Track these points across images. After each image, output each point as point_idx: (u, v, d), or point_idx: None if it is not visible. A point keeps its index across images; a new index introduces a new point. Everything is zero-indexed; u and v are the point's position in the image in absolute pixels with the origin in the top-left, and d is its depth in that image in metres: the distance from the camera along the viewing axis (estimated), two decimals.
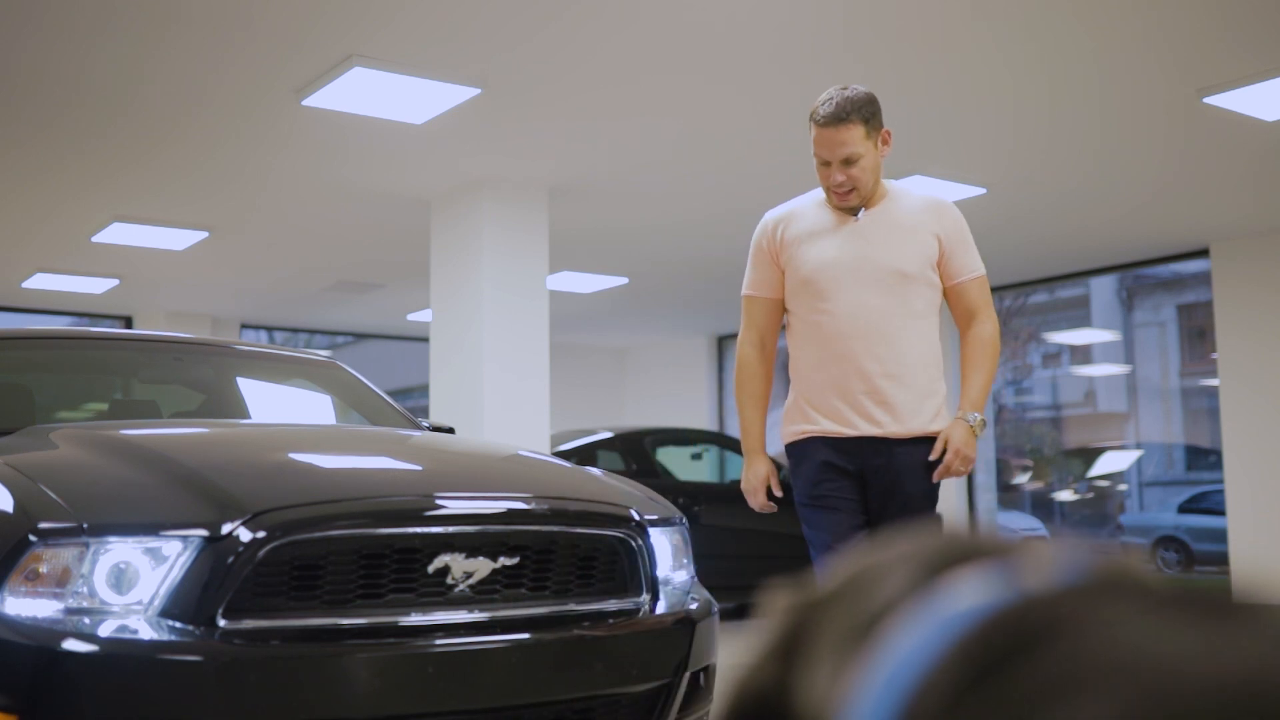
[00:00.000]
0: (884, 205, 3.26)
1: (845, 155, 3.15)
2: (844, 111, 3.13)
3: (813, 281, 3.23)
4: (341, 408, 4.47)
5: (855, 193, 3.20)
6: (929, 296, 3.24)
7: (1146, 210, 8.63)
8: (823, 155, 3.19)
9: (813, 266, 3.23)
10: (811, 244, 3.26)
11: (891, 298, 3.18)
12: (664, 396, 14.86)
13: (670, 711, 2.97)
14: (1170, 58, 5.67)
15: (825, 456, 3.23)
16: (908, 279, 3.18)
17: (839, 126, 3.14)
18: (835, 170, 3.17)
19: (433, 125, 6.56)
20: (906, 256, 3.19)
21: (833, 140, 3.14)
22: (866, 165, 3.17)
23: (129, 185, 7.80)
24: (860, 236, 3.23)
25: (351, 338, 15.38)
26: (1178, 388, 18.23)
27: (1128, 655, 0.35)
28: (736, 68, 5.79)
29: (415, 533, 2.64)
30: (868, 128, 3.16)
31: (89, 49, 5.44)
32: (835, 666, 0.42)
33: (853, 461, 3.21)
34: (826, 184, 3.22)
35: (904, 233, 3.22)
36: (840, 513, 3.22)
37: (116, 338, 4.53)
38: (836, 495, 3.23)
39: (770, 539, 9.30)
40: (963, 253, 3.26)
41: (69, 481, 2.65)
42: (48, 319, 12.27)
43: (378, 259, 10.11)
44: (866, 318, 3.18)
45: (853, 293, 3.19)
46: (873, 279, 3.18)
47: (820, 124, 3.16)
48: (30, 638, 2.35)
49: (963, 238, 3.26)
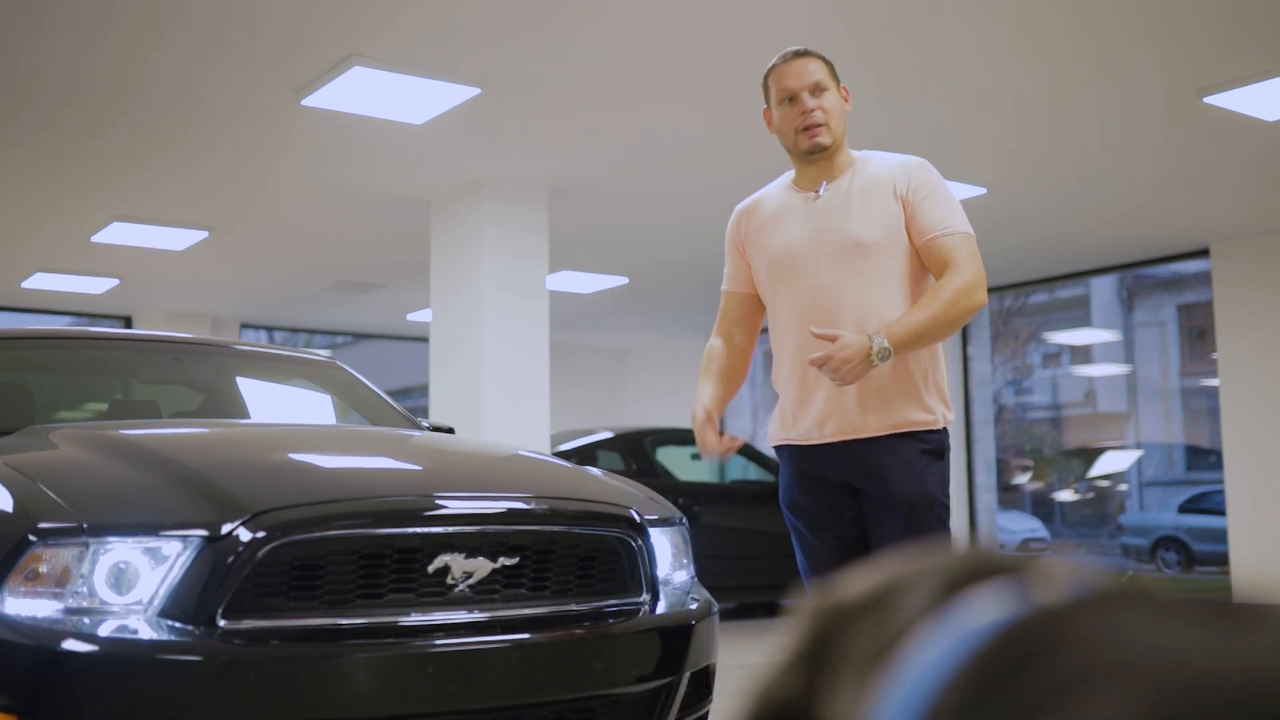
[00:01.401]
0: (847, 175, 2.99)
1: (814, 81, 2.93)
2: (803, 49, 2.99)
3: (776, 266, 2.99)
4: (341, 408, 4.47)
5: (826, 129, 2.94)
6: (899, 267, 2.90)
7: (1147, 210, 8.63)
8: (790, 85, 2.95)
9: (774, 251, 3.00)
10: (775, 228, 3.03)
11: (853, 273, 2.88)
12: (664, 396, 14.86)
13: (670, 712, 2.97)
14: (1170, 57, 5.67)
15: (802, 467, 2.98)
16: (869, 249, 2.87)
17: (802, 58, 2.97)
18: (805, 100, 2.94)
19: (433, 125, 6.56)
20: (865, 224, 2.89)
21: (798, 69, 2.95)
22: (833, 103, 2.95)
23: (129, 185, 7.80)
24: (820, 213, 2.96)
25: (351, 338, 15.38)
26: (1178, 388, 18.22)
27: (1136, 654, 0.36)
28: (736, 67, 5.79)
29: (415, 533, 2.64)
30: (828, 66, 2.99)
31: (89, 49, 5.44)
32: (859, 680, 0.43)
33: (832, 469, 2.92)
34: (796, 123, 2.96)
35: (865, 199, 2.93)
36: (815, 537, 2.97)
37: (116, 338, 4.53)
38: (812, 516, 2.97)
39: (770, 539, 9.29)
40: (931, 207, 2.89)
41: (69, 481, 2.65)
42: (47, 319, 12.27)
43: (378, 259, 10.11)
44: (827, 298, 2.89)
45: (813, 273, 2.92)
46: (832, 254, 2.90)
47: (783, 61, 2.99)
48: (30, 638, 2.35)
49: (931, 192, 2.91)
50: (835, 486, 2.94)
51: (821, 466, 2.94)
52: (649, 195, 8.16)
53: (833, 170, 3.02)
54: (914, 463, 2.86)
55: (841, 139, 3.01)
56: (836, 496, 2.95)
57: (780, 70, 3.00)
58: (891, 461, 2.86)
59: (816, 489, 2.96)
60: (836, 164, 3.02)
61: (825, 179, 3.01)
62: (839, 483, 2.93)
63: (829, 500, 2.95)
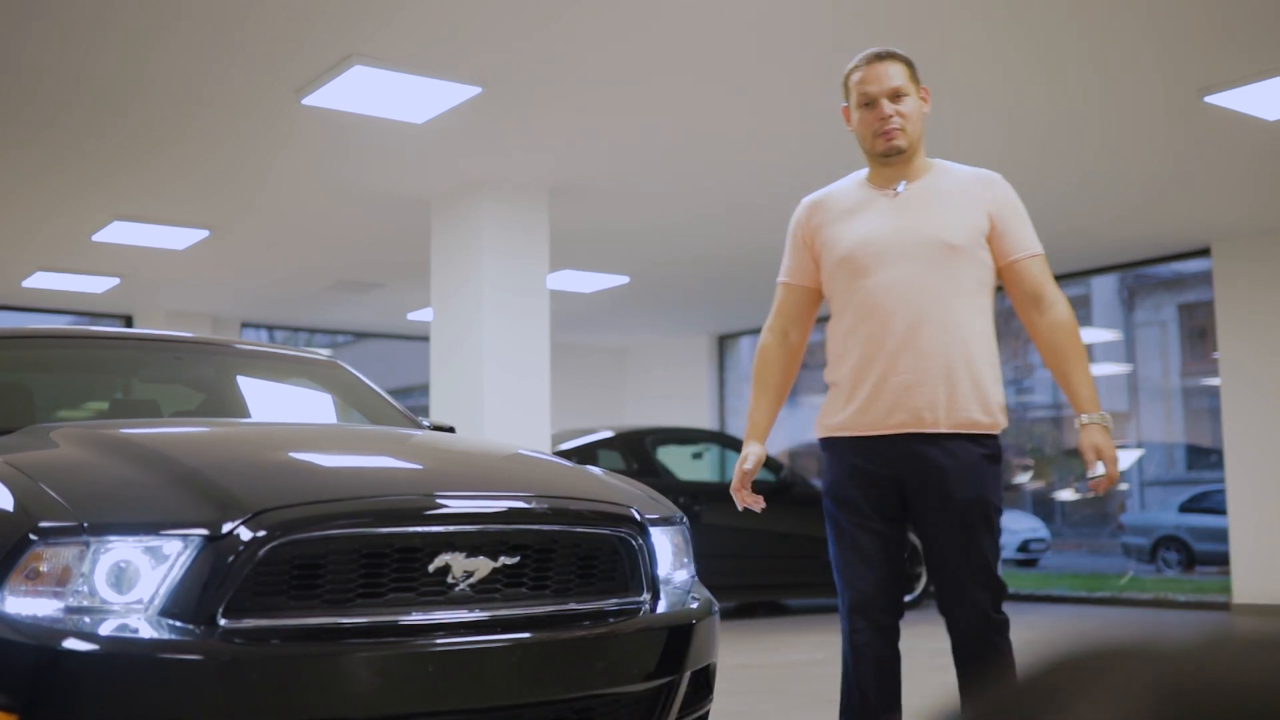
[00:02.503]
0: (928, 178, 3.01)
1: (893, 87, 2.95)
2: (886, 51, 3.00)
3: (850, 258, 2.97)
4: (342, 407, 4.46)
5: (903, 134, 2.95)
6: (980, 275, 2.94)
7: (1147, 209, 8.63)
8: (870, 90, 2.96)
9: (850, 243, 2.98)
10: (849, 221, 3.01)
11: (938, 272, 2.89)
12: (665, 396, 14.85)
13: (671, 711, 2.97)
14: (1171, 57, 5.67)
15: (855, 461, 2.97)
16: (955, 251, 2.90)
17: (883, 61, 2.96)
18: (883, 105, 2.95)
19: (433, 124, 6.56)
20: (952, 227, 2.92)
21: (878, 73, 2.96)
22: (912, 108, 2.96)
23: (129, 184, 7.80)
24: (902, 209, 2.97)
25: (352, 337, 15.38)
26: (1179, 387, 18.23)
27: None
28: (735, 67, 5.79)
29: (416, 532, 2.64)
30: (909, 71, 2.99)
31: (90, 48, 5.45)
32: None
33: (888, 465, 2.93)
34: (874, 128, 2.97)
35: (949, 203, 2.96)
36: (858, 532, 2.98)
37: (117, 337, 4.52)
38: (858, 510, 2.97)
39: (771, 539, 9.31)
40: (1017, 228, 2.96)
41: (69, 480, 2.65)
42: (48, 318, 12.27)
43: (378, 258, 10.12)
44: (909, 294, 2.89)
45: (894, 266, 2.91)
46: (916, 251, 2.91)
47: (865, 64, 3.00)
48: (31, 637, 2.35)
49: (1015, 212, 2.98)
50: (886, 483, 2.96)
51: (876, 461, 2.95)
52: (649, 195, 8.16)
53: (910, 171, 3.03)
54: (975, 467, 2.91)
55: (918, 142, 3.02)
56: (884, 493, 2.97)
57: (861, 73, 3.00)
58: (952, 464, 2.89)
59: (866, 484, 2.97)
60: (913, 166, 3.04)
61: (904, 179, 3.03)
62: (890, 479, 2.95)
63: (876, 497, 2.97)
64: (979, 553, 2.91)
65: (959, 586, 2.92)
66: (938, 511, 2.91)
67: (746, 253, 9.99)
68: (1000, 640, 2.96)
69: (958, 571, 2.91)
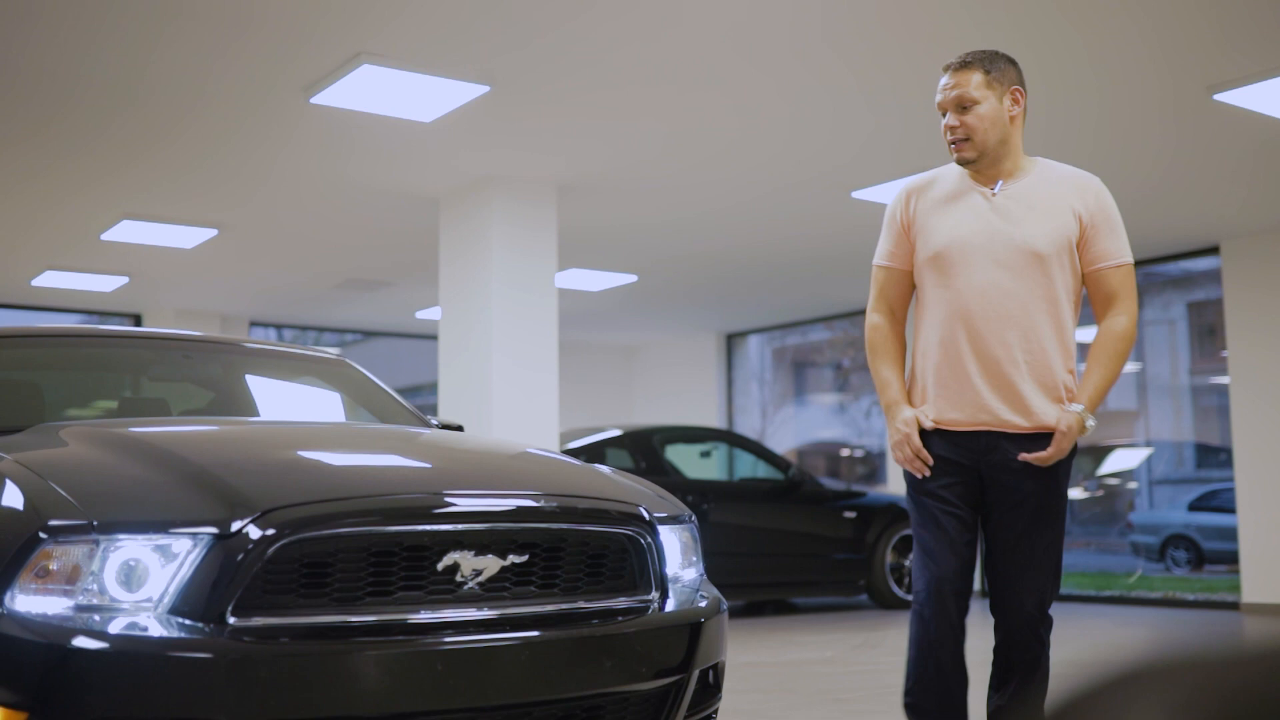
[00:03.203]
0: (1024, 180, 3.07)
1: (956, 98, 3.01)
2: (965, 59, 3.04)
3: (941, 256, 3.05)
4: (350, 405, 4.47)
5: (970, 144, 3.01)
6: (1066, 281, 3.02)
7: (1156, 207, 8.61)
8: (939, 101, 3.05)
9: (942, 240, 3.05)
10: (943, 216, 3.08)
11: (1024, 279, 2.98)
12: (673, 394, 14.85)
13: (679, 709, 2.97)
14: (1180, 54, 5.66)
15: (938, 450, 3.08)
16: (1042, 260, 2.98)
17: (957, 71, 3.03)
18: (950, 116, 3.02)
19: (441, 123, 6.57)
20: (1042, 235, 2.98)
21: (947, 86, 3.03)
22: (984, 114, 3.00)
23: (138, 183, 7.82)
24: (995, 211, 3.03)
25: (360, 335, 15.41)
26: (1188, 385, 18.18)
27: None
28: (746, 65, 5.79)
29: (424, 530, 2.64)
30: (988, 76, 3.01)
31: (97, 46, 5.46)
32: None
33: (969, 456, 3.05)
34: (946, 137, 3.06)
35: (1042, 209, 3.01)
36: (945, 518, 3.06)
37: (126, 335, 4.53)
38: (944, 499, 3.07)
39: (779, 537, 9.31)
40: (1107, 235, 3.02)
41: (79, 479, 2.65)
42: (57, 317, 12.30)
43: (386, 257, 10.13)
44: (996, 298, 2.98)
45: (982, 270, 3.00)
46: (1005, 257, 2.98)
47: (943, 72, 3.06)
48: (40, 635, 2.36)
49: (1108, 219, 3.03)
50: (968, 472, 3.08)
51: (958, 452, 3.07)
52: (657, 193, 8.15)
53: (1006, 171, 3.09)
54: (1054, 466, 3.03)
55: (998, 147, 3.05)
56: (967, 482, 3.08)
57: (941, 81, 3.08)
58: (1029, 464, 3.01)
59: (952, 472, 3.08)
60: (1006, 167, 3.09)
61: (1000, 179, 3.09)
62: (971, 469, 3.07)
63: (959, 485, 3.08)
64: (1045, 544, 3.03)
65: (1022, 577, 3.02)
66: (1010, 503, 3.04)
67: (755, 251, 9.99)
68: (1046, 637, 3.08)
69: (1024, 562, 3.01)
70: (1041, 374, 3.00)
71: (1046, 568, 3.03)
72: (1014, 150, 3.08)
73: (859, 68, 5.81)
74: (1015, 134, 3.08)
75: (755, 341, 15.92)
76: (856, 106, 6.39)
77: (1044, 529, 3.03)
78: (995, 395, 3.00)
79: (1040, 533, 3.03)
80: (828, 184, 7.87)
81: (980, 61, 3.03)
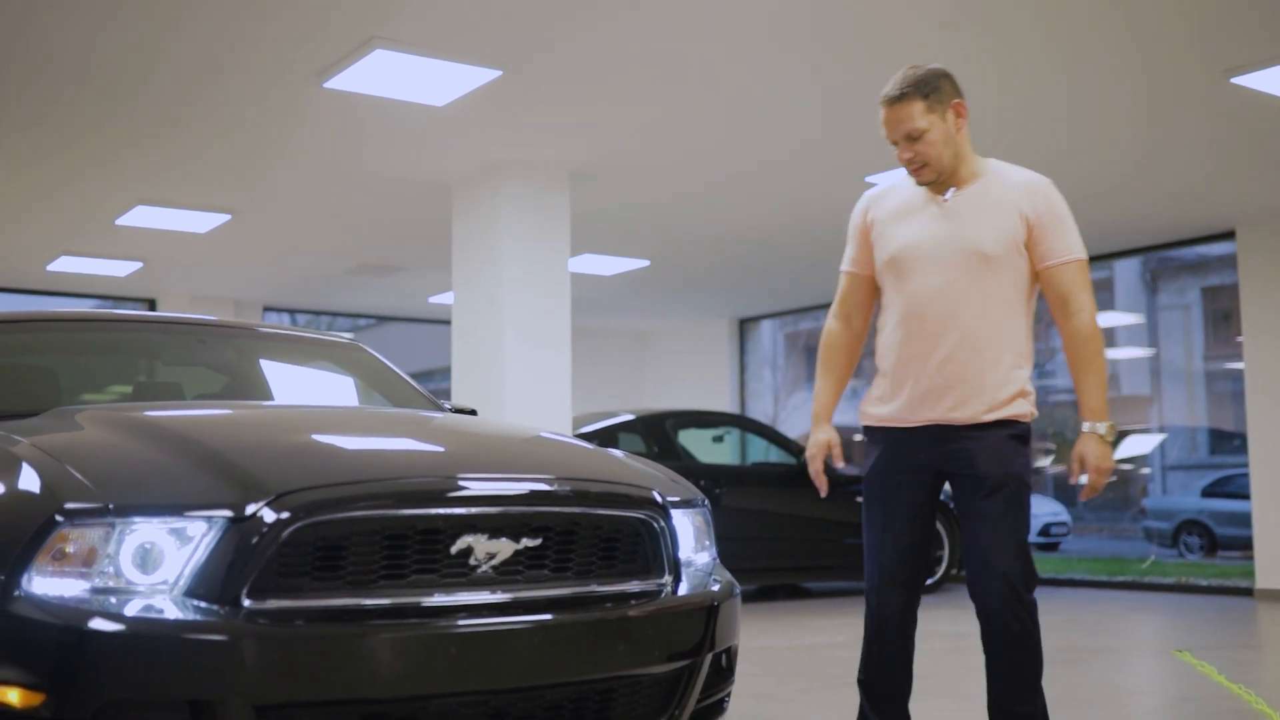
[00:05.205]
0: (977, 185, 3.18)
1: (905, 131, 3.11)
2: (899, 89, 3.12)
3: (897, 260, 3.18)
4: (364, 390, 4.48)
5: (927, 169, 3.14)
6: (1016, 280, 3.13)
7: (1171, 191, 8.57)
8: (886, 135, 3.17)
9: (897, 246, 3.19)
10: (899, 223, 3.22)
11: (975, 279, 3.10)
12: (685, 379, 14.85)
13: (692, 693, 2.97)
14: (1197, 37, 5.63)
15: (894, 448, 3.20)
16: (991, 260, 3.09)
17: (895, 105, 3.12)
18: (902, 148, 3.15)
19: (454, 107, 6.56)
20: (989, 237, 3.10)
21: (891, 119, 3.14)
22: (933, 139, 3.11)
23: (152, 169, 7.83)
24: (947, 216, 3.16)
25: (374, 320, 15.43)
26: (1202, 371, 18.13)
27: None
28: (758, 49, 5.77)
29: (438, 514, 2.65)
30: (927, 102, 3.10)
31: (111, 28, 5.46)
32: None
33: (923, 451, 3.16)
34: (901, 163, 3.19)
35: (990, 212, 3.13)
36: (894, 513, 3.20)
37: (140, 320, 4.54)
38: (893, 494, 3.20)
39: (792, 521, 9.31)
40: (1053, 234, 3.13)
41: (95, 462, 2.67)
42: (72, 302, 12.34)
43: (399, 242, 10.14)
44: (948, 299, 3.11)
45: (935, 273, 3.12)
46: (955, 260, 3.11)
47: (882, 104, 3.16)
48: (57, 617, 2.37)
49: (1056, 218, 3.14)
50: (923, 469, 3.17)
51: (913, 449, 3.18)
52: (670, 178, 8.14)
53: (958, 179, 3.20)
54: (1001, 446, 3.10)
55: (952, 161, 3.16)
56: (921, 479, 3.18)
57: (881, 115, 3.17)
58: (979, 446, 3.10)
59: (906, 468, 3.19)
60: (960, 175, 3.19)
61: (953, 185, 3.20)
62: (926, 465, 3.17)
63: (910, 482, 3.19)
64: (1007, 526, 3.07)
65: (989, 559, 3.06)
66: (971, 489, 3.10)
67: (767, 236, 9.97)
68: (1029, 623, 3.07)
69: (988, 545, 3.07)
70: (994, 369, 3.09)
71: (1013, 541, 3.07)
72: (967, 158, 3.19)
73: (874, 49, 5.79)
74: (965, 143, 3.19)
75: (768, 327, 15.90)
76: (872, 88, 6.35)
77: (1009, 506, 3.07)
78: (950, 391, 3.10)
79: (1006, 509, 3.07)
80: (840, 168, 7.85)
81: (917, 89, 3.11)
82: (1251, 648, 6.72)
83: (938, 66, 3.17)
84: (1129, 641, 7.03)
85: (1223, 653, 6.27)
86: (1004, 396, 3.09)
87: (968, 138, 3.20)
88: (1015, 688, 3.07)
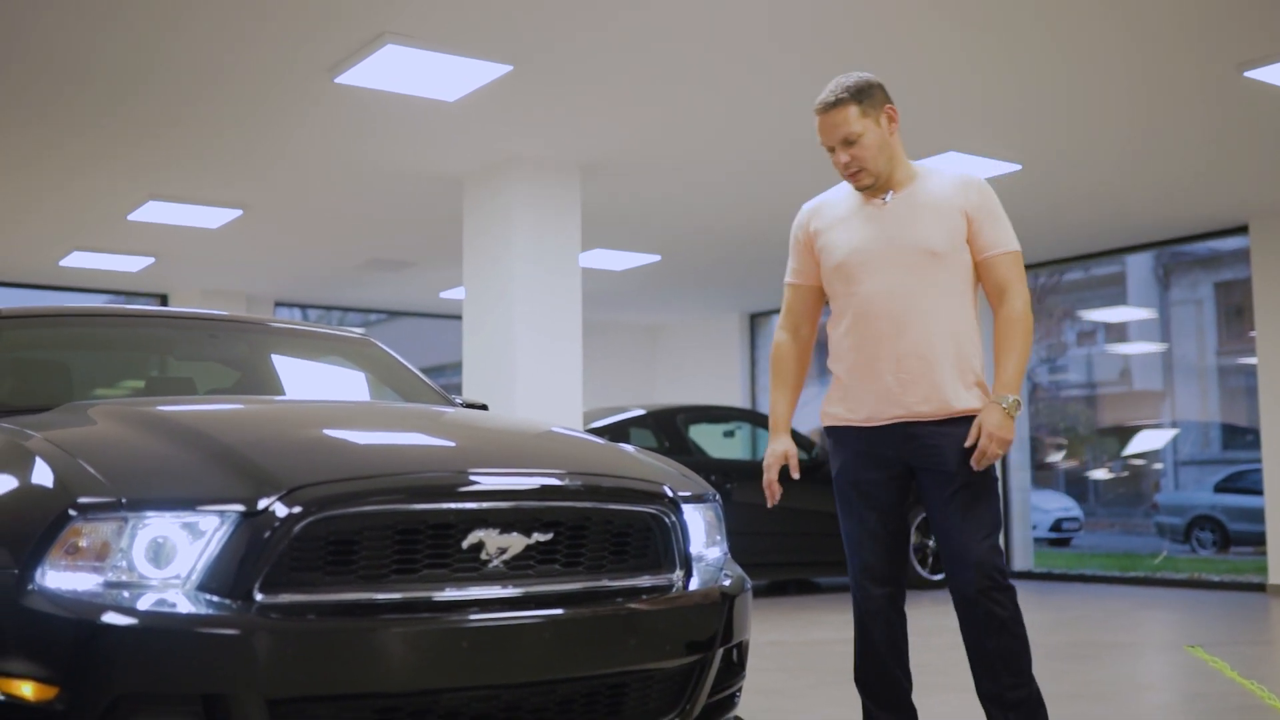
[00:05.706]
0: (912, 187, 3.27)
1: (841, 136, 3.20)
2: (832, 95, 3.21)
3: (844, 266, 3.26)
4: (376, 385, 4.48)
5: (865, 173, 3.23)
6: (962, 274, 3.23)
7: (1184, 186, 8.54)
8: (821, 141, 3.26)
9: (845, 252, 3.26)
10: (842, 230, 3.30)
11: (921, 277, 3.18)
12: (696, 374, 14.85)
13: (703, 687, 2.97)
14: (1210, 31, 5.60)
15: (861, 446, 3.27)
16: (937, 257, 3.18)
17: (830, 111, 3.21)
18: (839, 153, 3.22)
19: (464, 103, 6.57)
20: (934, 235, 3.19)
21: (826, 125, 3.22)
22: (869, 144, 3.20)
23: (163, 163, 7.85)
24: (888, 218, 3.24)
25: (385, 315, 15.44)
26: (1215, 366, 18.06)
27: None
28: (768, 45, 5.76)
29: (449, 508, 2.65)
30: (861, 107, 3.20)
31: (121, 22, 5.47)
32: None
33: (891, 448, 3.23)
34: (838, 169, 3.27)
35: (931, 211, 3.22)
36: (868, 510, 3.28)
37: (152, 315, 4.55)
38: (865, 493, 3.28)
39: (803, 516, 9.30)
40: (990, 227, 3.23)
41: (107, 457, 2.67)
42: (85, 297, 12.38)
43: (410, 237, 10.15)
44: (899, 297, 3.19)
45: (884, 274, 3.20)
46: (901, 259, 3.19)
47: (817, 111, 3.25)
48: (71, 611, 2.38)
49: (990, 212, 3.24)
50: (893, 464, 3.24)
51: (882, 446, 3.24)
52: (681, 173, 8.14)
53: (894, 183, 3.29)
54: (964, 440, 3.15)
55: (888, 166, 3.26)
56: (891, 474, 3.25)
57: (817, 122, 3.26)
58: (944, 442, 3.17)
59: (875, 466, 3.26)
60: (896, 179, 3.29)
61: (890, 189, 3.29)
62: (894, 460, 3.24)
63: (884, 478, 3.26)
64: (976, 516, 3.15)
65: (962, 549, 3.13)
66: (937, 484, 3.18)
67: (778, 231, 9.95)
68: (1007, 607, 3.13)
69: (959, 535, 3.14)
70: (950, 362, 3.17)
71: (986, 529, 3.14)
72: (901, 162, 3.29)
73: (884, 42, 5.78)
74: (898, 147, 3.29)
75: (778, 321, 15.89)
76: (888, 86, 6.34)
77: (979, 495, 3.15)
78: (907, 388, 3.17)
79: (977, 499, 3.15)
80: None
81: (851, 96, 3.20)
82: (1264, 643, 6.70)
83: (869, 75, 3.27)
84: (1141, 637, 7.01)
85: (1235, 648, 6.25)
86: (964, 388, 3.18)
87: (900, 142, 3.30)
88: (1008, 673, 3.11)
